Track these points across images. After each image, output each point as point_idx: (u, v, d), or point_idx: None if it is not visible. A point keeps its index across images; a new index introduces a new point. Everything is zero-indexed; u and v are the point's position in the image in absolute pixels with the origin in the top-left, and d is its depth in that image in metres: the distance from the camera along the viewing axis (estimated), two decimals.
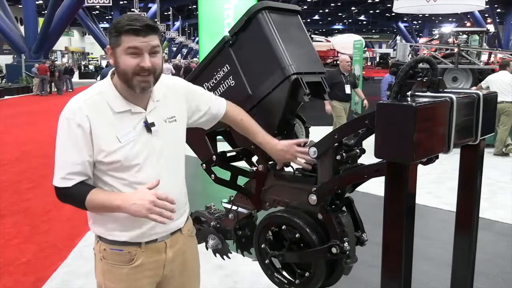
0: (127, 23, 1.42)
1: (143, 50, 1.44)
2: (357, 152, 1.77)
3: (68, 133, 1.48)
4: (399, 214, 1.38)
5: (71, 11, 22.42)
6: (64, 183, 1.51)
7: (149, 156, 1.54)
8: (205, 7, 8.76)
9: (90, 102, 1.50)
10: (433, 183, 5.77)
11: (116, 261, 1.59)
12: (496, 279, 3.39)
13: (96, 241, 1.65)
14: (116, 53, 1.46)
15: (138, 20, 1.43)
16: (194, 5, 35.80)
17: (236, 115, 1.85)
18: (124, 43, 1.44)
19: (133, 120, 1.53)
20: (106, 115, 1.49)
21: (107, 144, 1.48)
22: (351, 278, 1.98)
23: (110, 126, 1.49)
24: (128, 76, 1.46)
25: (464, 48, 14.34)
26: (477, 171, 1.72)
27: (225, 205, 2.24)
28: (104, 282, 1.63)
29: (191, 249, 1.79)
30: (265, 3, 1.86)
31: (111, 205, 1.47)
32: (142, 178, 1.53)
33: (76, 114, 1.47)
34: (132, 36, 1.42)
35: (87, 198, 1.49)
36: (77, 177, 1.50)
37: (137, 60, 1.44)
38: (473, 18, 32.37)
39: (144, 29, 1.43)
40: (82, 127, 1.46)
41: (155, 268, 1.64)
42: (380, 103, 1.38)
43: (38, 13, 24.42)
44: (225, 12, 8.45)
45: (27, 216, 4.80)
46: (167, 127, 1.60)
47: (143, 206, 1.41)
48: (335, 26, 58.23)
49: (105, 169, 1.52)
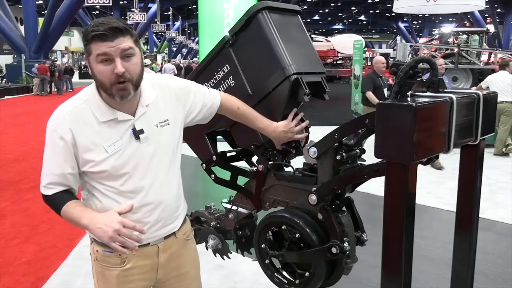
0: (91, 29, 1.35)
1: (113, 55, 1.36)
2: (357, 152, 1.77)
3: (51, 144, 1.47)
4: (399, 214, 1.38)
5: (71, 11, 22.40)
6: (45, 191, 1.53)
7: (139, 164, 1.50)
8: (205, 7, 8.76)
9: (74, 112, 1.45)
10: (433, 183, 5.77)
11: (107, 263, 1.58)
12: (496, 279, 3.39)
13: (91, 242, 1.64)
14: (90, 62, 1.40)
15: (103, 24, 1.35)
16: (194, 5, 35.80)
17: (232, 104, 1.80)
18: (93, 51, 1.37)
19: (120, 129, 1.47)
20: (91, 125, 1.44)
21: (93, 155, 1.45)
22: (351, 278, 1.98)
23: (95, 136, 1.44)
24: (106, 86, 1.40)
25: (464, 48, 14.36)
26: (477, 171, 1.72)
27: (225, 205, 2.24)
28: (97, 283, 1.63)
29: (188, 253, 1.75)
30: (265, 3, 1.86)
31: (79, 223, 1.45)
32: (132, 186, 1.50)
33: (58, 126, 1.44)
34: (99, 42, 1.35)
35: (62, 209, 1.49)
36: (58, 187, 1.51)
37: (110, 67, 1.37)
38: (473, 18, 32.38)
39: (110, 33, 1.34)
40: (64, 139, 1.43)
41: (146, 272, 1.62)
42: (380, 103, 1.38)
43: (38, 13, 24.41)
44: (225, 12, 8.44)
45: (27, 216, 4.80)
46: (159, 132, 1.54)
47: (106, 233, 1.36)
48: (335, 26, 58.22)
49: (95, 177, 1.50)
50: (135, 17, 27.70)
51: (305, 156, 1.79)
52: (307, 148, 1.76)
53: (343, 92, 15.79)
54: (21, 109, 13.93)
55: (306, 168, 1.91)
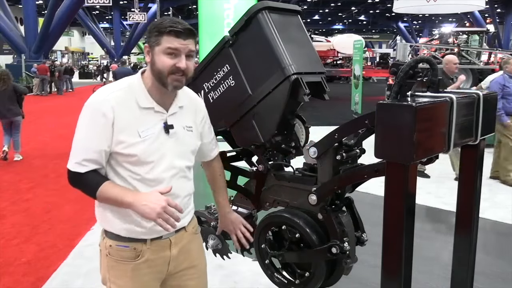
0: (169, 24, 1.50)
1: (181, 52, 1.51)
2: (357, 152, 1.77)
3: (91, 121, 1.53)
4: (399, 214, 1.38)
5: (71, 11, 22.41)
6: (78, 168, 1.54)
7: (164, 156, 1.59)
8: (205, 7, 8.76)
9: (118, 94, 1.55)
10: (433, 183, 5.76)
11: (121, 257, 1.62)
12: (496, 279, 3.39)
13: (102, 237, 1.68)
14: (154, 51, 1.53)
15: (180, 23, 1.51)
16: (194, 5, 35.79)
17: (218, 167, 1.95)
18: (164, 43, 1.50)
19: (155, 119, 1.58)
20: (131, 109, 1.54)
21: (126, 136, 1.53)
22: (351, 278, 1.98)
23: (133, 120, 1.54)
24: (163, 74, 1.52)
25: (464, 48, 14.35)
26: (477, 171, 1.72)
27: None
28: (109, 278, 1.66)
29: (196, 247, 1.82)
30: (265, 3, 1.86)
31: (123, 201, 1.51)
32: (155, 175, 1.58)
33: (102, 104, 1.52)
34: (173, 37, 1.50)
35: (100, 189, 1.52)
36: (91, 164, 1.53)
37: (174, 60, 1.51)
38: (473, 18, 32.38)
39: (185, 32, 1.50)
40: (106, 117, 1.50)
41: (160, 265, 1.67)
42: (380, 103, 1.38)
43: (38, 13, 24.41)
44: (225, 12, 8.44)
45: (27, 216, 4.80)
46: (185, 133, 1.66)
47: (154, 209, 1.45)
48: (335, 26, 58.21)
49: (121, 160, 1.56)
50: (135, 17, 27.73)
51: (305, 156, 1.79)
52: (307, 148, 1.76)
53: (343, 92, 15.80)
54: None
55: (306, 168, 1.91)
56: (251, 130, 1.92)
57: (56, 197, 5.50)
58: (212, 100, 2.04)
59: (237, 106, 1.95)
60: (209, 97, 2.04)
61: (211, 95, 2.05)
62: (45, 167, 6.99)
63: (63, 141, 9.12)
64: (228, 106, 1.99)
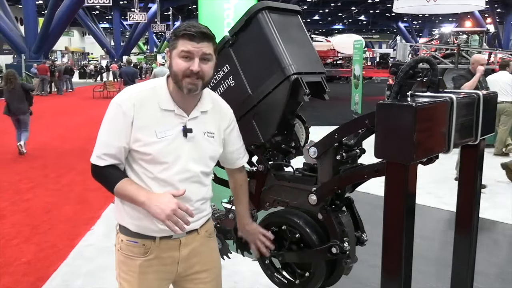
0: (184, 28, 1.54)
1: (194, 55, 1.53)
2: (357, 152, 1.77)
3: (114, 118, 1.58)
4: (399, 214, 1.38)
5: (71, 11, 22.40)
6: (98, 161, 1.60)
7: (179, 159, 1.60)
8: (205, 7, 8.72)
9: (141, 95, 1.59)
10: (433, 183, 5.76)
11: (131, 252, 1.66)
12: (496, 279, 3.39)
13: (116, 232, 1.72)
14: (172, 55, 1.57)
15: (195, 27, 1.53)
16: (194, 5, 35.80)
17: (242, 176, 1.93)
18: (179, 47, 1.54)
19: (174, 121, 1.60)
20: (152, 109, 1.58)
21: (144, 135, 1.56)
22: (351, 278, 1.98)
23: (152, 120, 1.57)
24: (178, 78, 1.55)
25: (464, 48, 14.35)
26: (477, 171, 1.72)
27: (225, 205, 2.24)
28: (119, 273, 1.70)
29: (209, 251, 1.80)
30: (265, 3, 1.86)
31: (137, 199, 1.55)
32: (167, 177, 1.59)
33: (124, 102, 1.57)
34: (187, 40, 1.52)
35: (118, 185, 1.58)
36: (110, 159, 1.58)
37: (188, 63, 1.53)
38: (473, 18, 32.37)
39: (198, 35, 1.52)
40: (126, 115, 1.55)
41: (168, 264, 1.68)
42: (380, 103, 1.38)
43: (38, 13, 24.41)
44: (225, 12, 8.41)
45: (27, 216, 4.81)
46: (204, 139, 1.66)
47: (164, 211, 1.49)
48: (335, 26, 58.21)
49: (136, 157, 1.60)
50: (135, 17, 27.75)
51: (305, 156, 1.79)
52: (307, 148, 1.76)
53: (343, 92, 15.80)
54: None
55: (306, 168, 1.91)
56: (251, 130, 1.92)
57: (56, 197, 5.50)
58: None
59: (237, 106, 1.95)
60: None
61: None
62: (45, 167, 6.99)
63: (63, 141, 9.12)
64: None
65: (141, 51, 52.42)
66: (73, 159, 7.46)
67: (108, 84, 20.42)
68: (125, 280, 1.68)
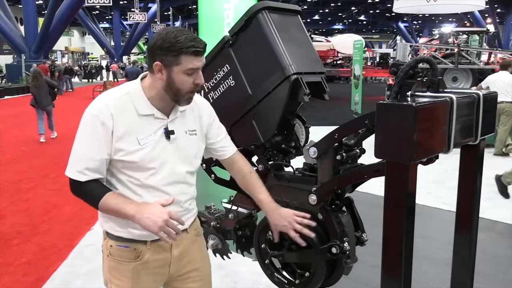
0: (190, 44, 1.46)
1: (198, 69, 1.51)
2: (357, 152, 1.77)
3: (92, 129, 1.50)
4: (399, 214, 1.38)
5: (71, 11, 22.42)
6: (78, 177, 1.53)
7: (165, 163, 1.57)
8: (205, 7, 8.76)
9: (118, 101, 1.52)
10: (433, 183, 5.76)
11: (122, 257, 1.62)
12: (496, 279, 3.39)
13: (104, 237, 1.68)
14: (172, 71, 1.49)
15: (197, 40, 1.48)
16: (194, 5, 35.79)
17: (245, 165, 1.83)
18: (184, 63, 1.48)
19: (155, 125, 1.56)
20: (130, 116, 1.52)
21: (126, 144, 1.51)
22: (351, 278, 1.98)
23: (132, 127, 1.52)
24: (181, 93, 1.52)
25: (464, 48, 14.34)
26: (477, 171, 1.72)
27: (225, 205, 2.24)
28: (110, 278, 1.66)
29: (199, 249, 1.79)
30: (265, 3, 1.86)
31: (125, 213, 1.50)
32: (155, 182, 1.56)
33: (102, 112, 1.50)
34: (193, 56, 1.48)
35: (102, 200, 1.52)
36: (92, 173, 1.52)
37: (192, 78, 1.50)
38: (473, 18, 32.37)
39: (203, 50, 1.50)
40: (105, 125, 1.49)
41: (160, 266, 1.66)
42: (380, 103, 1.38)
43: (38, 13, 24.42)
44: (225, 12, 8.44)
45: (27, 216, 4.80)
46: (187, 138, 1.63)
47: (156, 223, 1.44)
48: (335, 26, 58.20)
49: (120, 167, 1.55)
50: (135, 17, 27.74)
51: (305, 156, 1.79)
52: (307, 148, 1.76)
53: (343, 92, 15.80)
54: (21, 109, 13.89)
55: (306, 168, 1.91)
56: (251, 130, 1.92)
57: (56, 197, 5.50)
58: (212, 100, 2.04)
59: (237, 106, 1.95)
60: (209, 97, 2.04)
61: (211, 95, 2.05)
62: (45, 167, 6.99)
63: (63, 141, 9.11)
64: (228, 106, 1.99)
65: (141, 51, 52.38)
66: None
67: (108, 84, 20.41)
68: (117, 285, 1.64)
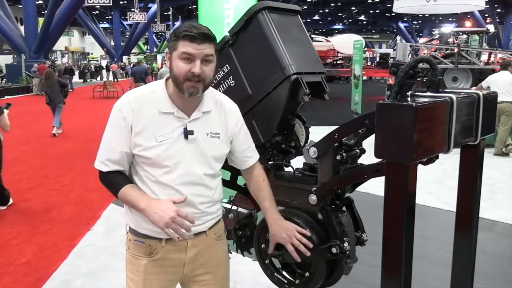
0: (185, 29, 1.51)
1: (195, 57, 1.50)
2: (357, 152, 1.77)
3: (115, 123, 1.58)
4: (399, 214, 1.38)
5: (71, 11, 22.44)
6: (100, 167, 1.61)
7: (181, 162, 1.58)
8: (205, 7, 8.71)
9: (140, 98, 1.58)
10: (433, 183, 5.77)
11: (137, 251, 1.66)
12: (496, 279, 3.39)
13: (126, 231, 1.72)
14: (172, 57, 1.54)
15: (196, 28, 1.51)
16: (194, 5, 35.80)
17: (261, 175, 1.82)
18: (179, 48, 1.51)
19: (174, 124, 1.58)
20: (151, 113, 1.56)
21: (143, 140, 1.55)
22: (351, 278, 1.98)
23: (151, 124, 1.56)
24: (179, 80, 1.53)
25: (464, 48, 14.35)
26: (477, 171, 1.72)
27: (225, 205, 2.23)
28: (127, 272, 1.71)
29: (217, 253, 1.79)
30: (265, 3, 1.86)
31: (138, 206, 1.56)
32: (168, 180, 1.58)
33: (124, 106, 1.56)
34: (188, 42, 1.49)
35: (121, 191, 1.58)
36: (113, 165, 1.59)
37: (189, 66, 1.51)
38: (473, 18, 32.37)
39: (200, 37, 1.49)
40: (126, 120, 1.55)
41: (174, 266, 1.68)
42: (380, 103, 1.38)
43: (38, 13, 24.43)
44: (225, 12, 8.40)
45: (27, 216, 4.81)
46: (208, 140, 1.63)
47: (162, 218, 1.48)
48: (335, 26, 58.22)
49: (139, 161, 1.60)
50: (135, 17, 27.77)
51: (305, 156, 1.79)
52: (307, 148, 1.76)
53: (343, 92, 15.80)
54: (21, 109, 13.91)
55: (306, 168, 1.91)
56: (251, 130, 1.91)
57: (56, 197, 5.50)
58: None
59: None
60: None
61: None
62: (45, 167, 6.99)
63: (63, 141, 9.12)
64: None
65: (141, 51, 52.42)
66: (73, 159, 7.46)
67: (108, 84, 20.42)
68: (131, 279, 1.69)
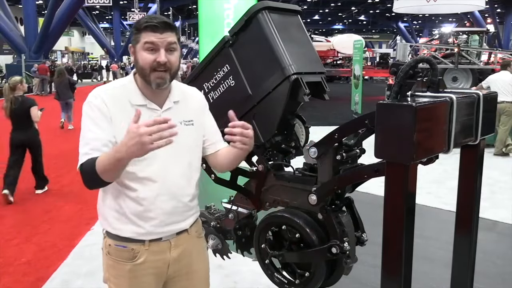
0: (145, 20, 1.52)
1: (159, 46, 1.50)
2: (357, 152, 1.77)
3: (90, 114, 1.53)
4: (399, 214, 1.38)
5: (71, 11, 22.43)
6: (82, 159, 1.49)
7: (158, 154, 1.51)
8: (205, 7, 8.75)
9: (111, 92, 1.57)
10: (433, 183, 5.76)
11: (119, 257, 1.61)
12: (496, 279, 3.39)
13: (104, 236, 1.67)
14: (136, 49, 1.54)
15: (156, 18, 1.52)
16: (194, 5, 35.80)
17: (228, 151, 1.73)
18: (142, 39, 1.51)
19: (148, 116, 1.52)
20: (124, 107, 1.54)
21: (119, 134, 1.49)
22: (351, 278, 1.98)
23: (125, 118, 1.51)
24: (146, 72, 1.52)
25: (464, 48, 14.35)
26: (477, 171, 1.72)
27: (225, 205, 2.24)
28: (109, 277, 1.66)
29: (199, 251, 1.77)
30: (265, 3, 1.86)
31: (115, 161, 1.39)
32: (150, 173, 1.55)
33: (96, 98, 1.54)
34: (150, 32, 1.50)
35: (96, 165, 1.43)
36: (95, 152, 1.47)
37: (154, 55, 1.50)
38: (473, 18, 32.38)
39: (161, 26, 1.50)
40: (101, 110, 1.52)
41: (158, 267, 1.65)
42: (380, 103, 1.38)
43: (38, 13, 24.42)
44: (225, 12, 8.43)
45: (27, 216, 4.81)
46: (182, 129, 1.59)
47: (138, 143, 1.31)
48: (335, 26, 58.20)
49: None
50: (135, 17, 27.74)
51: (305, 156, 1.79)
52: (307, 148, 1.76)
53: (343, 92, 15.80)
54: None
55: (306, 168, 1.91)
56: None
57: (56, 197, 5.50)
58: (212, 100, 2.04)
59: (237, 106, 1.95)
60: (209, 97, 2.04)
61: (211, 95, 2.05)
62: (45, 167, 6.98)
63: (62, 141, 9.11)
64: (228, 106, 1.98)
65: None
66: (73, 159, 7.42)
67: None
68: (115, 284, 1.64)
